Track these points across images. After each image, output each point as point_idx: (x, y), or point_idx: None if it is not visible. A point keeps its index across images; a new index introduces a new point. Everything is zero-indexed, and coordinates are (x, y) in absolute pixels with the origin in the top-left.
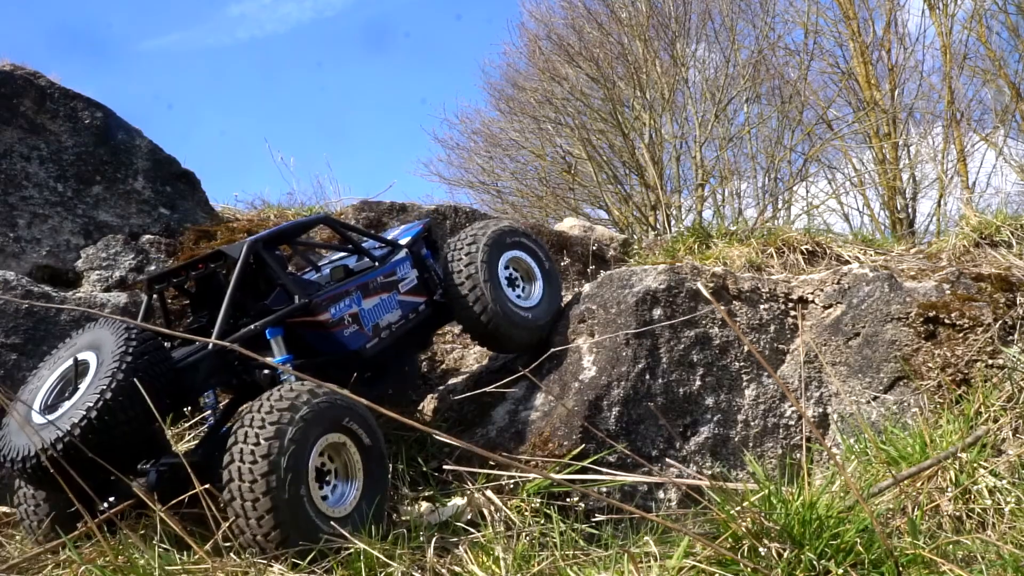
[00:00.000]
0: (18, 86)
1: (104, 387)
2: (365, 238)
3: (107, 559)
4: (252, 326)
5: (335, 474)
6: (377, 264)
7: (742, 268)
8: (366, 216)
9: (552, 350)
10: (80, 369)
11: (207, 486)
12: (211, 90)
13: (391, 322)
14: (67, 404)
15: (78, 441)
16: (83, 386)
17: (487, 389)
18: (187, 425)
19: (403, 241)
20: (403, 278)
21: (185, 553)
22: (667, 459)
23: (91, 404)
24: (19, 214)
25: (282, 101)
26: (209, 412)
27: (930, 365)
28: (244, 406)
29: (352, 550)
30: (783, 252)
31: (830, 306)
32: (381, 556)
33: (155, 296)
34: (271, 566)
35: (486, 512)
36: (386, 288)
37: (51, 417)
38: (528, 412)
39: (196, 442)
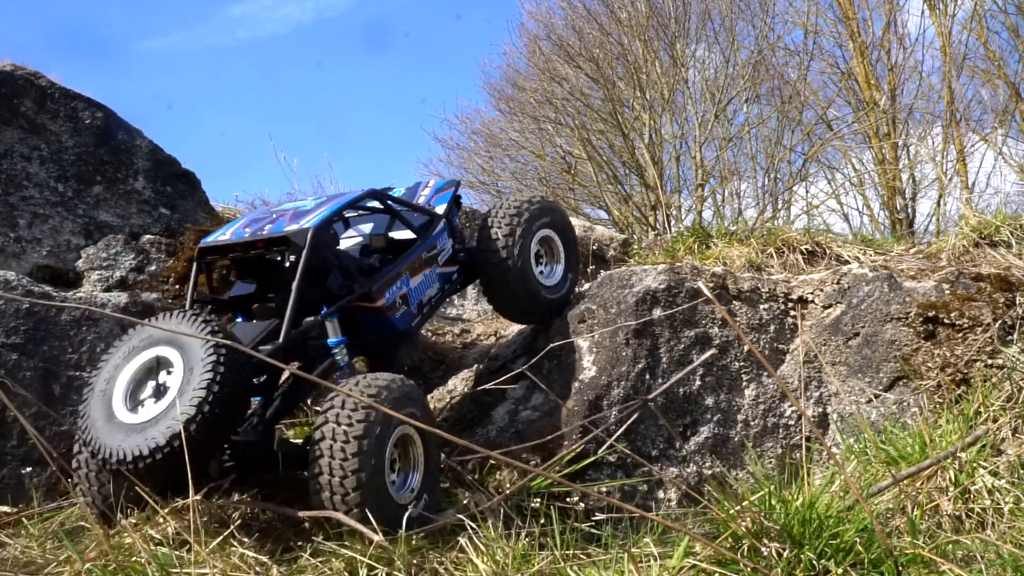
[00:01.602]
0: (18, 86)
1: (205, 388)
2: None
3: (108, 559)
4: (321, 316)
5: (402, 464)
6: (417, 238)
7: (742, 268)
8: None
9: (551, 346)
10: (162, 366)
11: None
12: (211, 90)
13: (431, 296)
14: (161, 405)
15: (181, 439)
16: (174, 386)
17: (487, 386)
18: None
19: (439, 209)
20: (441, 250)
21: (185, 552)
22: (667, 459)
23: (194, 406)
24: (20, 214)
25: (282, 101)
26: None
27: (930, 365)
28: (332, 393)
29: (352, 550)
30: (783, 252)
31: (830, 306)
32: (381, 556)
33: (204, 266)
34: (271, 567)
35: (486, 512)
36: (428, 263)
37: (146, 418)
38: (528, 412)
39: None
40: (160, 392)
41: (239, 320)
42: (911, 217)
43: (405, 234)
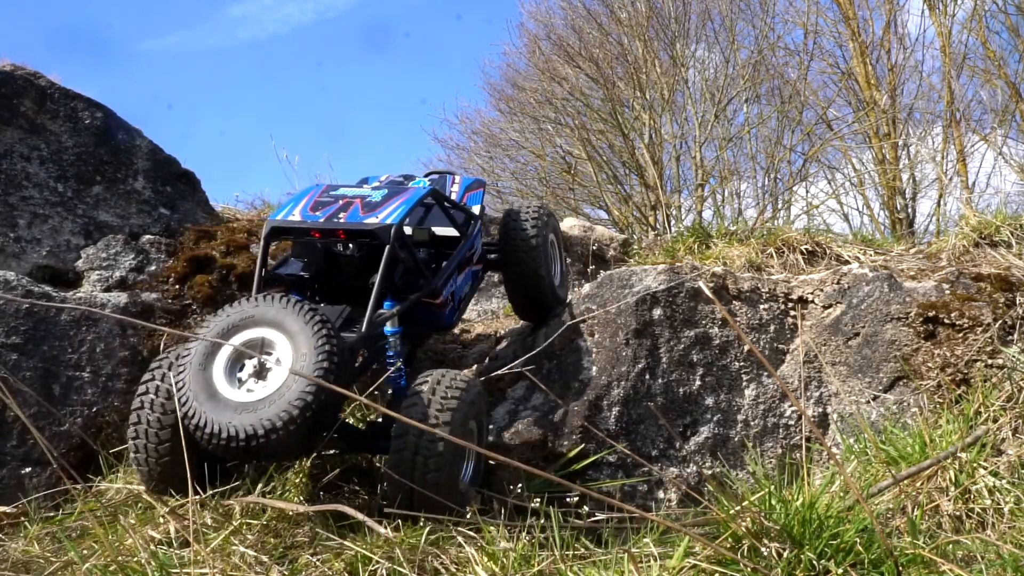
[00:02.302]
0: (18, 86)
1: (320, 365)
2: (452, 206)
3: (108, 558)
4: (395, 308)
5: (464, 458)
6: (461, 237)
7: (742, 268)
8: None
9: (556, 335)
10: (265, 347)
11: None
12: (211, 90)
13: (465, 292)
14: (271, 387)
15: (297, 423)
16: (284, 365)
17: (492, 374)
18: None
19: (475, 209)
20: (476, 249)
21: (186, 552)
22: (667, 459)
23: (311, 392)
24: (19, 214)
25: (282, 101)
26: None
27: (930, 365)
28: (418, 380)
29: (354, 551)
30: (783, 252)
31: (830, 306)
32: (380, 556)
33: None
34: (271, 566)
35: (486, 512)
36: (468, 262)
37: (255, 398)
38: (528, 412)
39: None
40: (262, 373)
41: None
42: (911, 217)
43: (446, 230)
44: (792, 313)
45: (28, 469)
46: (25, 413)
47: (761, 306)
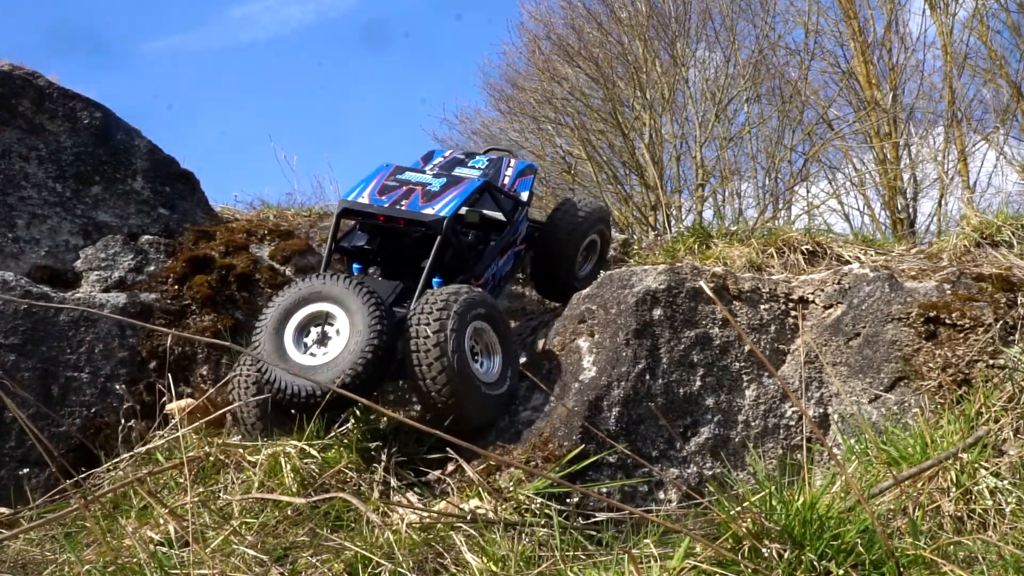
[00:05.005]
0: (17, 86)
1: (371, 342)
2: (501, 195)
3: (107, 559)
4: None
5: (482, 353)
6: (507, 222)
7: (742, 268)
8: None
9: (549, 345)
10: (325, 318)
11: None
12: (211, 90)
13: (506, 271)
14: (330, 354)
15: (353, 383)
16: (340, 340)
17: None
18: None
19: (523, 196)
20: (520, 233)
21: (185, 552)
22: (667, 460)
23: (361, 365)
24: (18, 214)
25: (282, 101)
26: None
27: (931, 365)
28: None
29: (354, 551)
30: (783, 252)
31: (830, 306)
32: (380, 556)
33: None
34: (270, 567)
35: (486, 512)
36: (511, 245)
37: (317, 363)
38: (528, 412)
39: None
40: (323, 341)
41: (356, 268)
42: (912, 217)
43: (495, 213)
44: (793, 313)
45: (27, 470)
46: (24, 413)
47: (762, 306)
